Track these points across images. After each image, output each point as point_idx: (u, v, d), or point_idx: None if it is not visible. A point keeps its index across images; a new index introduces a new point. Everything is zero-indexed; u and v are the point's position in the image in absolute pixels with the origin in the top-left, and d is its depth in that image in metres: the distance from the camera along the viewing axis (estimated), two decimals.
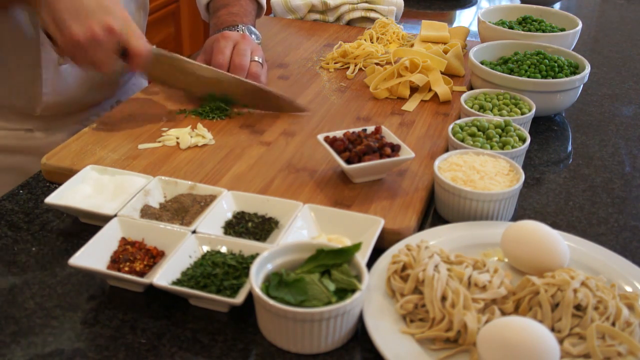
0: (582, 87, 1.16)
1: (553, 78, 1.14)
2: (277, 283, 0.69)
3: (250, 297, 0.70)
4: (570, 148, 1.11)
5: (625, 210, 0.94)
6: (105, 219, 0.81)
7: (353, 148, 0.92)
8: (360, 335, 0.71)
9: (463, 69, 1.28)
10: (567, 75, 1.15)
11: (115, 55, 0.98)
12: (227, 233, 0.82)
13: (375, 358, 0.67)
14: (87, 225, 0.86)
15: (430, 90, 1.20)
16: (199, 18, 1.42)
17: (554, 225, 0.85)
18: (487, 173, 0.87)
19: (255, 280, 0.68)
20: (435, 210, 0.92)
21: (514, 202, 0.89)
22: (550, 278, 0.70)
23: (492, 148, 0.95)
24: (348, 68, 1.31)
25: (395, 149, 0.93)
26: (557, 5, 1.81)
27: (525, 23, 1.40)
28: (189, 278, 0.73)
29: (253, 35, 1.22)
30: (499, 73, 1.13)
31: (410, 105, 1.16)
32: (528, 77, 1.14)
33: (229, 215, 0.84)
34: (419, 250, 0.74)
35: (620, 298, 0.71)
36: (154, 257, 0.77)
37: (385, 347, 0.66)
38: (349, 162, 0.90)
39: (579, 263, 0.79)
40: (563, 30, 1.37)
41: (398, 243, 0.80)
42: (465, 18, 1.79)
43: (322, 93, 1.21)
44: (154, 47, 1.03)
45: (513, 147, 0.95)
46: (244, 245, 0.77)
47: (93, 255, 0.75)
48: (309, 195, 0.90)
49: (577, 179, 1.01)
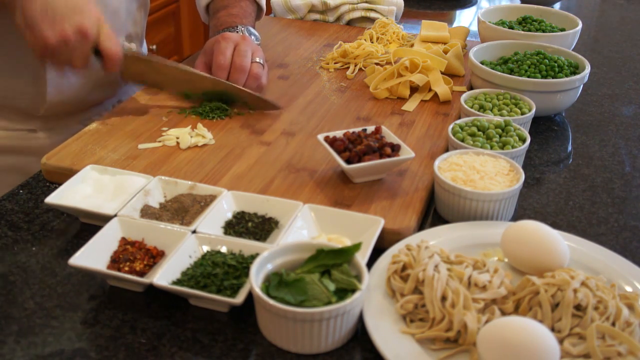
0: (582, 87, 1.16)
1: (553, 78, 1.14)
2: (277, 283, 0.69)
3: (250, 297, 0.70)
4: (570, 148, 1.11)
5: (625, 210, 0.94)
6: (105, 219, 0.81)
7: (353, 148, 0.92)
8: (360, 335, 0.71)
9: (463, 69, 1.28)
10: (567, 75, 1.15)
11: (89, 56, 0.98)
12: (227, 233, 0.82)
13: (375, 358, 0.67)
14: (87, 225, 0.86)
15: (430, 90, 1.20)
16: (199, 18, 1.42)
17: (554, 225, 0.85)
18: (487, 173, 0.87)
19: (255, 280, 0.68)
20: (435, 210, 0.92)
21: (514, 202, 0.89)
22: (550, 278, 0.70)
23: (492, 148, 0.95)
24: (348, 68, 1.31)
25: (395, 149, 0.93)
26: (557, 5, 1.81)
27: (525, 23, 1.40)
28: (189, 278, 0.73)
29: (252, 37, 1.22)
30: (499, 73, 1.13)
31: (410, 105, 1.16)
32: (528, 77, 1.14)
33: (229, 215, 0.84)
34: (419, 250, 0.74)
35: (620, 298, 0.71)
36: (154, 257, 0.77)
37: (385, 347, 0.66)
38: (349, 162, 0.90)
39: (579, 263, 0.79)
40: (563, 30, 1.37)
41: (398, 243, 0.80)
42: (465, 18, 1.79)
43: (322, 93, 1.21)
44: (126, 45, 1.03)
45: (513, 147, 0.95)
46: (244, 245, 0.77)
47: (93, 255, 0.75)
48: (309, 195, 0.90)
49: (577, 179, 1.01)
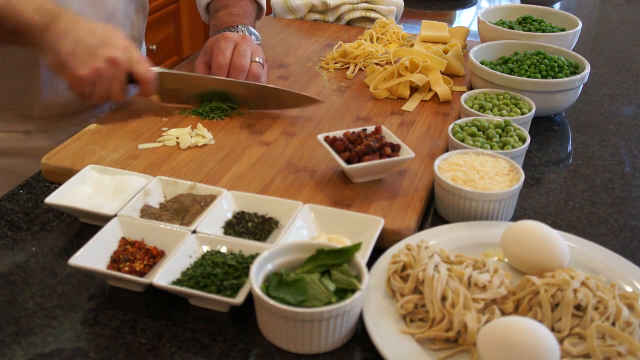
0: (582, 87, 1.16)
1: (553, 78, 1.14)
2: (277, 283, 0.69)
3: (250, 297, 0.70)
4: (570, 148, 1.11)
5: (625, 210, 0.94)
6: (105, 219, 0.81)
7: (353, 148, 0.92)
8: (360, 335, 0.71)
9: (463, 69, 1.28)
10: (567, 75, 1.15)
11: (125, 84, 1.01)
12: (227, 233, 0.82)
13: (375, 358, 0.67)
14: (87, 225, 0.86)
15: (430, 90, 1.20)
16: (199, 18, 1.42)
17: (554, 225, 0.85)
18: (487, 173, 0.87)
19: (255, 280, 0.68)
20: (435, 210, 0.92)
21: (514, 202, 0.89)
22: (550, 278, 0.70)
23: (492, 148, 0.95)
24: (348, 68, 1.31)
25: (395, 149, 0.93)
26: (557, 5, 1.81)
27: (525, 23, 1.40)
28: (189, 278, 0.73)
29: (253, 36, 1.22)
30: (499, 73, 1.13)
31: (410, 105, 1.16)
32: (528, 77, 1.14)
33: (229, 215, 0.84)
34: (419, 250, 0.74)
35: (620, 298, 0.71)
36: (154, 257, 0.77)
37: (385, 347, 0.66)
38: (349, 162, 0.90)
39: (579, 263, 0.79)
40: (563, 30, 1.37)
41: (398, 243, 0.80)
42: (465, 18, 1.79)
43: (322, 93, 1.21)
44: (158, 67, 1.05)
45: (513, 147, 0.95)
46: (244, 245, 0.77)
47: (93, 255, 0.75)
48: (309, 195, 0.90)
49: (577, 179, 1.01)
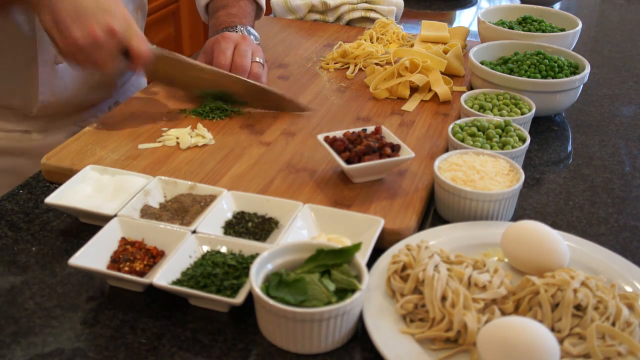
0: (582, 87, 1.16)
1: (553, 78, 1.14)
2: (277, 283, 0.69)
3: (250, 297, 0.70)
4: (570, 148, 1.11)
5: (625, 210, 0.94)
6: (105, 219, 0.81)
7: (353, 148, 0.92)
8: (360, 335, 0.71)
9: (463, 69, 1.28)
10: (567, 75, 1.15)
11: (117, 56, 0.98)
12: (227, 233, 0.82)
13: (375, 358, 0.67)
14: (87, 225, 0.86)
15: (430, 90, 1.20)
16: (199, 18, 1.42)
17: (554, 225, 0.85)
18: (487, 173, 0.87)
19: (255, 280, 0.68)
20: (435, 210, 0.92)
21: (514, 202, 0.89)
22: (550, 278, 0.70)
23: (492, 148, 0.95)
24: (348, 68, 1.31)
25: (395, 149, 0.93)
26: (557, 5, 1.81)
27: (525, 23, 1.40)
28: (189, 278, 0.73)
29: (252, 37, 1.22)
30: (499, 73, 1.13)
31: (410, 105, 1.16)
32: (528, 77, 1.14)
33: (229, 215, 0.84)
34: (419, 250, 0.74)
35: (620, 298, 0.71)
36: (154, 257, 0.77)
37: (385, 347, 0.66)
38: (349, 162, 0.90)
39: (579, 263, 0.79)
40: (563, 30, 1.37)
41: (398, 243, 0.80)
42: (465, 18, 1.79)
43: (322, 93, 1.21)
44: (155, 46, 1.03)
45: (513, 147, 0.95)
46: (244, 245, 0.77)
47: (93, 255, 0.75)
48: (309, 195, 0.90)
49: (577, 179, 1.01)
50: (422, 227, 0.89)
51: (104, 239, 0.78)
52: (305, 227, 0.82)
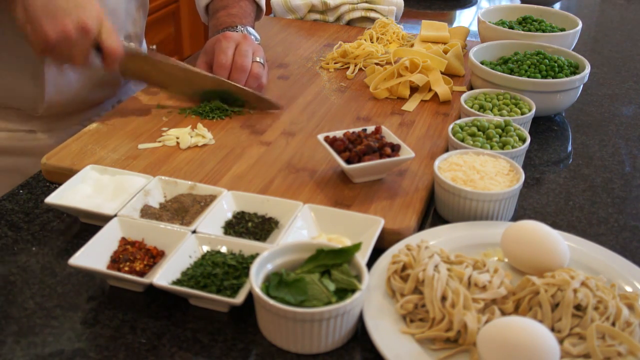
0: (582, 87, 1.16)
1: (553, 78, 1.14)
2: (277, 283, 0.69)
3: (250, 297, 0.70)
4: (570, 148, 1.11)
5: (625, 210, 0.94)
6: (105, 219, 0.81)
7: (353, 148, 0.92)
8: (360, 335, 0.71)
9: (463, 69, 1.28)
10: (567, 75, 1.15)
11: (89, 52, 0.98)
12: (227, 233, 0.82)
13: (375, 358, 0.67)
14: (87, 225, 0.86)
15: (430, 90, 1.20)
16: (199, 18, 1.42)
17: (554, 225, 0.85)
18: (487, 173, 0.87)
19: (255, 280, 0.68)
20: (435, 210, 0.92)
21: (514, 202, 0.89)
22: (550, 278, 0.70)
23: (492, 148, 0.95)
24: (348, 68, 1.31)
25: (395, 149, 0.93)
26: (557, 5, 1.81)
27: (525, 23, 1.40)
28: (189, 278, 0.73)
29: (252, 37, 1.22)
30: (499, 73, 1.13)
31: (410, 105, 1.16)
32: (528, 77, 1.14)
33: (229, 215, 0.84)
34: (419, 250, 0.74)
35: (620, 298, 0.71)
36: (154, 257, 0.77)
37: (385, 347, 0.66)
38: (349, 162, 0.90)
39: (579, 263, 0.79)
40: (563, 30, 1.37)
41: (398, 243, 0.80)
42: (465, 18, 1.79)
43: (322, 93, 1.21)
44: (126, 43, 1.03)
45: (513, 147, 0.95)
46: (244, 245, 0.77)
47: (93, 255, 0.75)
48: (309, 195, 0.90)
49: (577, 179, 1.01)
50: (422, 227, 0.89)
51: (104, 239, 0.78)
52: (305, 227, 0.82)
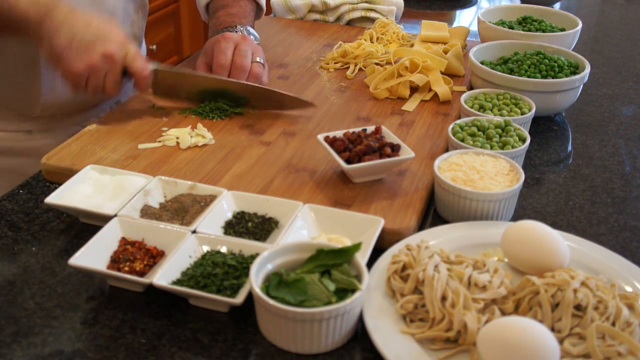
0: (582, 87, 1.16)
1: (553, 78, 1.14)
2: (277, 283, 0.69)
3: (250, 297, 0.70)
4: (570, 148, 1.11)
5: (625, 210, 0.94)
6: (105, 219, 0.81)
7: (353, 148, 0.92)
8: (360, 335, 0.71)
9: (463, 69, 1.28)
10: (567, 75, 1.15)
11: (120, 79, 1.01)
12: (227, 233, 0.82)
13: (375, 358, 0.67)
14: (87, 225, 0.86)
15: (430, 90, 1.20)
16: (199, 18, 1.43)
17: (554, 225, 0.85)
18: (487, 173, 0.87)
19: (255, 280, 0.68)
20: (435, 210, 0.92)
21: (514, 202, 0.89)
22: (550, 278, 0.70)
23: (492, 148, 0.95)
24: (348, 68, 1.31)
25: (395, 149, 0.93)
26: (557, 5, 1.81)
27: (525, 23, 1.40)
28: (189, 278, 0.73)
29: (252, 37, 1.22)
30: (499, 73, 1.13)
31: (410, 105, 1.16)
32: (528, 77, 1.14)
33: (229, 215, 0.84)
34: (419, 250, 0.74)
35: (620, 298, 0.71)
36: (154, 257, 0.77)
37: (385, 347, 0.66)
38: (349, 162, 0.90)
39: (579, 263, 0.79)
40: (563, 30, 1.37)
41: (398, 243, 0.80)
42: (465, 18, 1.79)
43: (322, 93, 1.21)
44: (154, 63, 1.05)
45: (513, 147, 0.95)
46: (244, 245, 0.77)
47: (93, 255, 0.75)
48: (309, 195, 0.90)
49: (577, 179, 1.01)
50: (422, 227, 0.89)
51: (104, 239, 0.78)
52: (305, 227, 0.82)
